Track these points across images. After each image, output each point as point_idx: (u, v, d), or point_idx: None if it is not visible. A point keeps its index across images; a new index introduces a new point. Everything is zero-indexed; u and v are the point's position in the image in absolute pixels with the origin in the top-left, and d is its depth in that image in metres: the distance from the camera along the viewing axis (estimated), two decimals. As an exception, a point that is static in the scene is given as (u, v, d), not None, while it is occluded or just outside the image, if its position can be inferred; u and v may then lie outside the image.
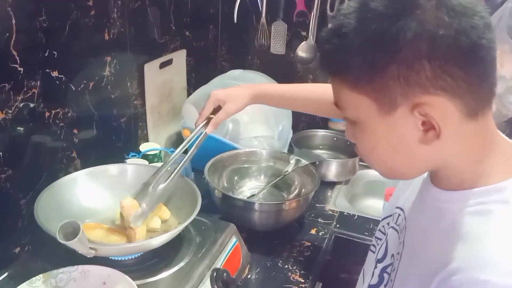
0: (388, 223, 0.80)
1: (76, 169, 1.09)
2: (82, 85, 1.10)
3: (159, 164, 1.27)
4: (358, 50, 0.55)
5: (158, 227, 0.95)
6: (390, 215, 0.80)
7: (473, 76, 0.53)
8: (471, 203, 0.58)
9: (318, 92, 1.04)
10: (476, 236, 0.55)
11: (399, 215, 0.77)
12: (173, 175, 0.93)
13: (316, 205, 1.36)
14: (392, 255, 0.74)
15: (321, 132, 1.69)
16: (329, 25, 0.59)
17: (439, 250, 0.58)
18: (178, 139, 1.56)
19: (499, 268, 0.51)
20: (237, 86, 1.05)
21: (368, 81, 0.55)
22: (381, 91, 0.55)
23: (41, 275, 0.80)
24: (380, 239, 0.81)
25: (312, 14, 1.55)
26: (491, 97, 0.57)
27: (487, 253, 0.53)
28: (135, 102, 1.33)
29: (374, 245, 0.84)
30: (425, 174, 0.68)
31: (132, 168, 1.07)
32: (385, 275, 0.75)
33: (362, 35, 0.54)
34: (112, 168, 1.05)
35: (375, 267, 0.79)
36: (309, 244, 1.18)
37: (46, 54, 0.97)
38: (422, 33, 0.51)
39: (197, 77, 1.66)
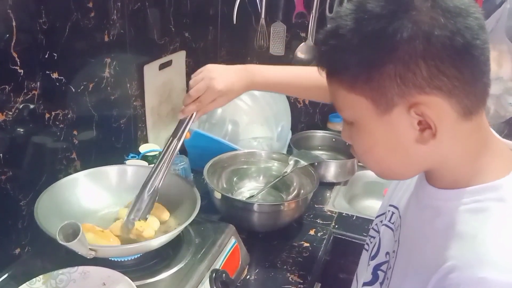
0: (381, 221, 0.81)
1: (76, 170, 1.09)
2: (82, 87, 1.10)
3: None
4: (355, 49, 0.55)
5: (155, 228, 0.96)
6: (383, 213, 0.81)
7: (468, 76, 0.54)
8: (466, 201, 0.59)
9: (313, 78, 0.94)
10: (473, 233, 0.56)
11: (392, 213, 0.77)
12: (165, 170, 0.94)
13: (315, 206, 1.37)
14: (387, 253, 0.74)
15: (320, 133, 1.70)
16: (326, 27, 0.59)
17: (436, 248, 0.59)
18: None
19: (496, 265, 0.52)
20: (232, 70, 0.96)
21: (365, 81, 0.56)
22: (378, 91, 0.56)
23: (41, 276, 0.80)
24: (374, 237, 0.82)
25: (311, 15, 1.55)
26: (485, 97, 0.58)
27: (484, 251, 0.54)
28: (134, 103, 1.33)
29: (367, 244, 0.84)
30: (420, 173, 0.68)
31: (131, 169, 1.08)
32: (380, 272, 0.75)
33: (359, 35, 0.55)
34: (112, 169, 1.06)
35: (368, 264, 0.79)
36: (308, 244, 1.19)
37: (46, 56, 0.97)
38: (418, 33, 0.52)
39: (197, 78, 1.66)
